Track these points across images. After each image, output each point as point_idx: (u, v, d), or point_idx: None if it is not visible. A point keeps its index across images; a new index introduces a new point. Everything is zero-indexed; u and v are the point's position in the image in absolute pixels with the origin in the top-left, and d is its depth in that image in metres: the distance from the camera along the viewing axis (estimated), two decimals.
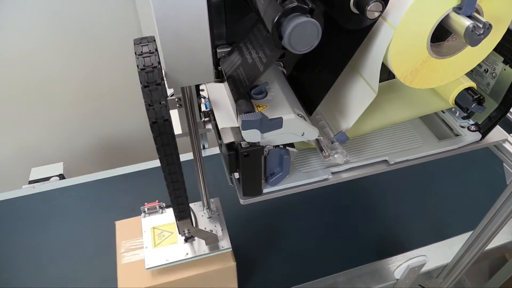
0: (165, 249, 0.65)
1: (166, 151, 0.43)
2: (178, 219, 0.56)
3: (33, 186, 1.04)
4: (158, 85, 0.39)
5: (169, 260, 0.64)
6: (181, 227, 0.60)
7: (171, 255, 0.65)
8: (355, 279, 0.82)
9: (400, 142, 0.58)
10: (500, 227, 0.70)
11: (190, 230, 0.63)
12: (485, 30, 0.39)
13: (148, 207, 0.71)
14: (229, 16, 0.49)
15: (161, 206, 0.71)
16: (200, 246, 0.66)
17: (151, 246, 0.66)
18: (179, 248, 0.66)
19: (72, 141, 1.47)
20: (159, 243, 0.66)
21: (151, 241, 0.67)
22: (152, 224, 0.69)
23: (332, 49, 0.47)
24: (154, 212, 0.71)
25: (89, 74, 1.33)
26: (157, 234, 0.68)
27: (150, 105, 0.39)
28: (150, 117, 0.40)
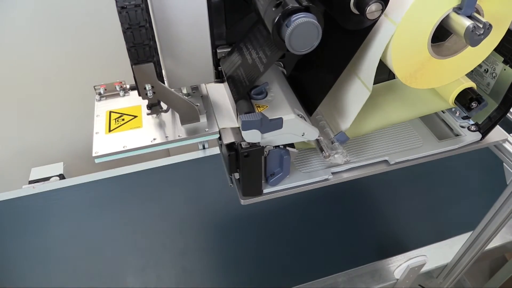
0: (124, 134, 0.47)
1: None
2: (135, 60, 0.38)
3: (33, 186, 1.04)
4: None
5: (127, 147, 0.46)
6: (140, 77, 0.40)
7: (130, 141, 0.47)
8: (355, 279, 0.82)
9: (400, 142, 0.58)
10: (500, 227, 0.70)
11: (155, 87, 0.42)
12: (485, 30, 0.39)
13: (106, 87, 0.53)
14: (229, 16, 0.49)
15: (123, 86, 0.53)
16: (176, 129, 0.47)
17: (104, 131, 0.48)
18: (143, 133, 0.47)
19: (72, 141, 1.46)
20: (116, 128, 0.49)
21: (105, 126, 0.49)
22: (108, 108, 0.52)
23: (333, 50, 0.47)
24: (113, 95, 0.53)
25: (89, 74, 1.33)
26: (114, 119, 0.50)
27: (123, 7, 0.34)
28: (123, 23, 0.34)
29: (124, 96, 0.53)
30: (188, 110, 0.46)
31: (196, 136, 0.47)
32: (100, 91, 0.53)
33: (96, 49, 1.29)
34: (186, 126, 0.47)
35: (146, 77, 0.41)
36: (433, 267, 0.85)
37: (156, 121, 0.49)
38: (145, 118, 0.49)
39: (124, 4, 0.34)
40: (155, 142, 0.46)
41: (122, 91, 0.53)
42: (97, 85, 0.53)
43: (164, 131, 0.47)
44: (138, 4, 0.34)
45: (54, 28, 1.20)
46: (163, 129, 0.47)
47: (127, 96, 0.53)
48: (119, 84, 0.53)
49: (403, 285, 0.84)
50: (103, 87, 0.53)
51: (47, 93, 1.33)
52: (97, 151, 0.46)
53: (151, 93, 0.43)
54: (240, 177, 0.49)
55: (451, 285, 0.90)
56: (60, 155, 1.44)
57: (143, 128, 0.48)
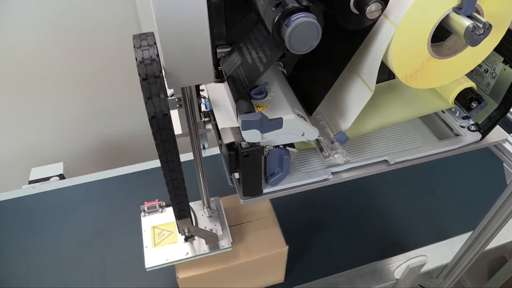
0: (165, 248, 0.65)
1: (165, 147, 0.43)
2: (178, 218, 0.56)
3: (33, 186, 1.04)
4: (157, 77, 0.38)
5: (169, 260, 0.63)
6: (181, 226, 0.60)
7: (171, 254, 0.64)
8: (355, 279, 0.82)
9: (400, 142, 0.58)
10: (500, 227, 0.70)
11: (190, 229, 0.63)
12: (485, 30, 0.39)
13: (148, 206, 0.70)
14: (229, 16, 0.49)
15: (161, 205, 0.71)
16: (200, 245, 0.66)
17: (151, 246, 0.66)
18: (179, 248, 0.65)
19: (72, 141, 1.47)
20: (159, 242, 0.66)
21: (151, 240, 0.67)
22: (151, 224, 0.69)
23: (332, 49, 0.47)
24: (154, 212, 0.71)
25: (89, 74, 1.33)
26: (157, 234, 0.67)
27: (149, 98, 0.38)
28: (149, 111, 0.39)
29: (162, 212, 0.70)
30: (211, 237, 0.65)
31: (215, 251, 0.65)
32: (144, 209, 0.70)
33: (97, 49, 1.29)
34: (209, 245, 0.66)
35: (185, 225, 0.59)
36: (433, 267, 0.85)
37: None
38: (179, 235, 0.66)
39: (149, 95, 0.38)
40: (188, 256, 0.64)
41: (160, 208, 0.70)
42: (143, 205, 0.70)
43: (193, 246, 0.65)
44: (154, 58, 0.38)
45: (55, 27, 1.20)
46: (192, 245, 0.66)
47: (164, 213, 0.70)
48: (158, 203, 0.70)
49: (403, 285, 0.84)
50: (146, 206, 0.70)
51: (47, 93, 1.33)
52: (149, 263, 0.63)
53: (187, 233, 0.63)
54: (240, 177, 0.49)
55: (451, 285, 0.90)
56: (60, 155, 1.45)
57: (178, 243, 0.66)
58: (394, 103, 0.58)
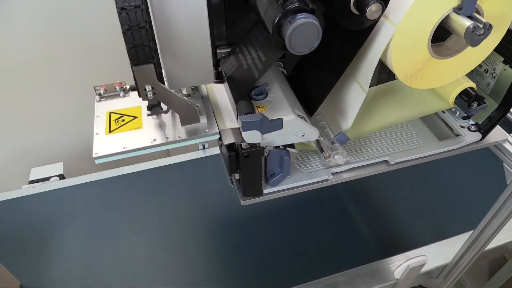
0: (124, 135, 0.47)
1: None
2: (135, 61, 0.37)
3: (33, 186, 1.04)
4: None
5: (127, 148, 0.46)
6: (140, 78, 0.39)
7: (131, 142, 0.46)
8: (355, 279, 0.82)
9: (400, 142, 0.58)
10: (500, 227, 0.70)
11: (155, 89, 0.42)
12: (485, 31, 0.39)
13: (106, 88, 0.53)
14: (229, 17, 0.49)
15: (123, 87, 0.53)
16: (176, 129, 0.47)
17: (104, 132, 0.48)
18: (143, 134, 0.47)
19: (72, 141, 1.46)
20: (116, 128, 0.48)
21: (105, 126, 0.49)
22: (108, 109, 0.52)
23: (333, 50, 0.47)
24: (113, 96, 0.53)
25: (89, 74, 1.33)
26: (114, 119, 0.50)
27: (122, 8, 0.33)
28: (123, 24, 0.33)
29: (124, 97, 0.53)
30: (188, 111, 0.46)
31: (196, 137, 0.46)
32: (100, 92, 0.53)
33: (97, 49, 1.29)
34: (186, 127, 0.47)
35: (146, 78, 0.41)
36: (433, 267, 0.85)
37: (156, 122, 0.49)
38: (145, 119, 0.49)
39: (124, 5, 0.34)
40: (155, 143, 0.46)
41: (122, 91, 0.53)
42: (97, 86, 0.52)
43: (164, 132, 0.47)
44: (138, 5, 0.34)
45: (54, 27, 1.20)
46: (163, 130, 0.47)
47: (127, 97, 0.53)
48: (119, 85, 0.53)
49: (403, 285, 0.84)
50: (103, 88, 0.52)
51: (47, 93, 1.33)
52: (97, 151, 0.46)
53: (151, 94, 0.42)
54: (240, 178, 0.49)
55: (451, 285, 0.90)
56: (60, 155, 1.44)
57: (143, 129, 0.48)
58: (395, 103, 0.58)
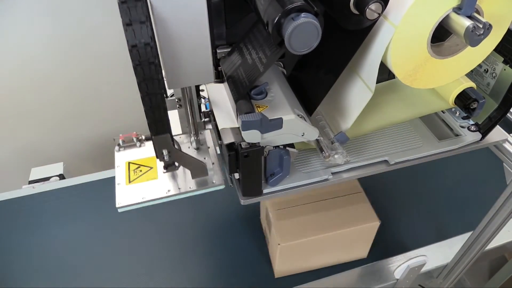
0: (142, 185, 0.54)
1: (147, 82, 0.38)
2: (154, 132, 0.43)
3: (33, 186, 1.04)
4: (142, 23, 0.34)
5: (145, 198, 0.53)
6: (158, 146, 0.46)
7: (148, 192, 0.53)
8: (355, 279, 0.82)
9: (400, 142, 0.58)
10: (500, 227, 0.70)
11: (171, 153, 0.48)
12: (485, 31, 0.39)
13: (124, 139, 0.59)
14: (229, 16, 0.49)
15: (139, 138, 0.60)
16: (186, 181, 0.54)
17: (125, 183, 0.55)
18: (159, 184, 0.54)
19: (72, 141, 1.46)
20: (135, 179, 0.55)
21: (125, 177, 0.56)
22: (127, 159, 0.58)
23: (332, 50, 0.47)
24: (131, 146, 0.60)
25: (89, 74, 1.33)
26: (133, 170, 0.56)
27: (128, 24, 0.34)
28: (133, 59, 0.35)
29: (140, 146, 0.60)
30: (198, 167, 0.53)
31: (204, 188, 0.53)
32: (119, 142, 0.60)
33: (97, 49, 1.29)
34: (196, 179, 0.54)
35: (163, 144, 0.47)
36: (433, 267, 0.85)
37: (170, 174, 0.55)
38: (160, 169, 0.54)
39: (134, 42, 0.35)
40: (170, 194, 0.52)
41: (138, 142, 0.60)
42: (116, 137, 0.59)
43: (177, 183, 0.54)
44: (147, 42, 0.35)
45: (55, 28, 1.20)
46: (176, 181, 0.54)
47: (143, 147, 0.60)
48: (135, 136, 0.59)
49: (403, 285, 0.84)
50: (121, 139, 0.59)
51: (47, 93, 1.33)
52: (120, 202, 0.53)
53: (167, 157, 0.49)
54: (240, 177, 0.49)
55: (451, 285, 0.90)
56: (60, 155, 1.44)
57: (159, 179, 0.54)
58: (394, 103, 0.58)
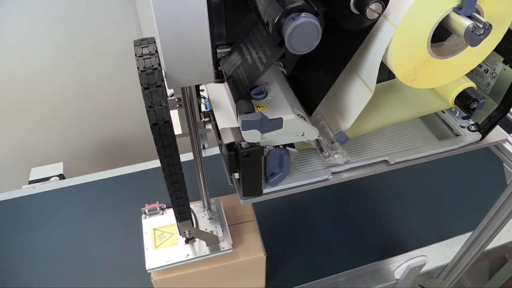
0: (166, 250, 0.66)
1: (166, 152, 0.43)
2: (179, 220, 0.56)
3: (33, 186, 1.04)
4: (158, 86, 0.39)
5: (169, 262, 0.64)
6: (182, 228, 0.61)
7: (171, 256, 0.65)
8: (355, 279, 0.82)
9: (400, 142, 0.58)
10: (500, 227, 0.70)
11: (191, 231, 0.63)
12: (485, 31, 0.39)
13: (149, 209, 0.71)
14: (229, 16, 0.49)
15: (161, 207, 0.71)
16: (201, 247, 0.66)
17: (152, 248, 0.66)
18: (179, 249, 0.66)
19: (72, 141, 1.47)
20: (160, 244, 0.67)
21: (152, 242, 0.67)
22: (152, 226, 0.69)
23: (332, 50, 0.47)
24: (155, 214, 0.71)
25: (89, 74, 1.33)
26: (158, 236, 0.68)
27: (150, 107, 0.39)
28: (151, 119, 0.39)
29: (163, 214, 0.71)
30: (211, 239, 0.65)
31: (216, 252, 0.65)
32: (145, 211, 0.71)
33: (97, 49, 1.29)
34: (209, 246, 0.66)
35: (186, 227, 0.60)
36: (433, 267, 0.85)
37: None
38: (180, 237, 0.66)
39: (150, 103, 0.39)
40: (188, 258, 0.65)
41: (161, 210, 0.71)
42: (144, 207, 0.71)
43: (194, 248, 0.66)
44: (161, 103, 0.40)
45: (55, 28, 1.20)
46: (193, 247, 0.66)
47: (165, 215, 0.71)
48: (158, 205, 0.71)
49: (403, 285, 0.84)
50: (147, 208, 0.71)
51: (47, 93, 1.33)
52: (149, 265, 0.64)
53: (188, 235, 0.64)
54: (240, 177, 0.49)
55: (451, 285, 0.90)
56: (60, 155, 1.44)
57: (179, 245, 0.66)
58: (394, 103, 0.58)
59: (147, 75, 0.39)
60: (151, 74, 0.39)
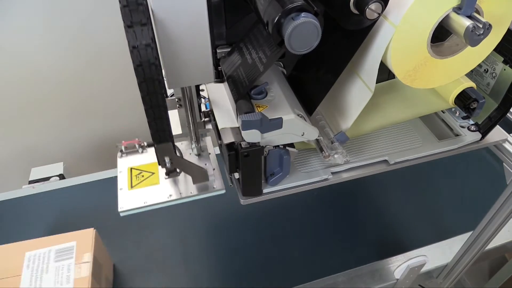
0: (144, 190, 0.55)
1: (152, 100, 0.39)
2: (157, 141, 0.44)
3: (33, 186, 1.04)
4: (143, 25, 0.35)
5: (147, 203, 0.54)
6: (160, 154, 0.47)
7: (150, 197, 0.54)
8: (355, 279, 0.82)
9: (400, 142, 0.58)
10: (500, 227, 0.70)
11: (173, 160, 0.49)
12: (485, 30, 0.39)
13: (126, 145, 0.61)
14: (229, 16, 0.49)
15: (141, 144, 0.61)
16: (188, 186, 0.55)
17: (127, 188, 0.56)
18: (161, 189, 0.55)
19: (72, 141, 1.46)
20: (137, 184, 0.56)
21: (127, 182, 0.57)
22: (129, 165, 0.59)
23: (332, 50, 0.47)
24: (133, 152, 0.61)
25: (89, 74, 1.33)
26: (135, 175, 0.57)
27: (134, 47, 0.35)
28: (134, 60, 0.35)
29: (142, 153, 0.61)
30: (199, 173, 0.53)
31: (205, 193, 0.54)
32: (121, 148, 0.61)
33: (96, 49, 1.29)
34: (197, 184, 0.55)
35: (166, 152, 0.47)
36: (433, 267, 0.85)
37: (171, 179, 0.56)
38: (162, 175, 0.56)
39: (135, 44, 0.36)
40: (171, 198, 0.53)
41: (140, 148, 0.61)
42: (119, 144, 0.61)
43: (178, 188, 0.55)
44: (148, 43, 0.36)
45: (55, 28, 1.20)
46: (177, 186, 0.55)
47: (145, 153, 0.61)
48: (138, 142, 0.61)
49: (403, 285, 0.84)
50: (124, 145, 0.61)
51: (47, 93, 1.33)
52: (122, 206, 0.54)
53: (169, 164, 0.49)
54: (240, 177, 0.49)
55: (451, 285, 0.90)
56: (60, 155, 1.44)
57: (160, 184, 0.55)
58: (394, 103, 0.58)
59: (130, 11, 0.34)
60: (135, 10, 0.34)
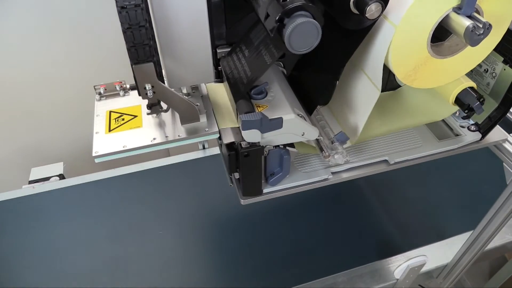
0: (124, 134, 0.47)
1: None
2: (135, 60, 0.37)
3: (33, 186, 1.04)
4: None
5: (127, 147, 0.45)
6: (140, 77, 0.39)
7: (131, 141, 0.46)
8: (355, 279, 0.82)
9: (400, 142, 0.58)
10: (500, 227, 0.70)
11: (155, 88, 0.41)
12: (485, 30, 0.39)
13: (105, 87, 0.52)
14: (229, 16, 0.49)
15: (123, 86, 0.52)
16: (176, 128, 0.47)
17: (104, 131, 0.48)
18: (143, 133, 0.47)
19: (72, 141, 1.46)
20: (116, 127, 0.48)
21: (105, 125, 0.48)
22: (109, 108, 0.51)
23: (332, 49, 0.47)
24: (113, 95, 0.52)
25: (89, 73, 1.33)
26: (114, 119, 0.49)
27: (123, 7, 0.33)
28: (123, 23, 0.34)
29: (124, 96, 0.53)
30: (188, 109, 0.45)
31: (196, 136, 0.46)
32: (100, 91, 0.52)
33: (97, 48, 1.29)
34: (186, 126, 0.47)
35: (146, 77, 0.40)
36: (433, 267, 0.85)
37: (156, 121, 0.48)
38: (145, 118, 0.48)
39: (124, 4, 0.34)
40: (155, 142, 0.45)
41: (122, 91, 0.53)
42: (97, 85, 0.52)
43: (164, 131, 0.47)
44: (138, 4, 0.34)
45: (54, 27, 1.20)
46: (163, 129, 0.47)
47: (127, 96, 0.52)
48: (119, 84, 0.52)
49: (403, 285, 0.84)
50: (103, 87, 0.52)
51: (47, 93, 1.33)
52: (97, 150, 0.46)
53: (151, 93, 0.42)
54: (240, 177, 0.49)
55: (451, 285, 0.90)
56: (60, 155, 1.44)
57: (143, 128, 0.47)
58: (399, 112, 0.58)
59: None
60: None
